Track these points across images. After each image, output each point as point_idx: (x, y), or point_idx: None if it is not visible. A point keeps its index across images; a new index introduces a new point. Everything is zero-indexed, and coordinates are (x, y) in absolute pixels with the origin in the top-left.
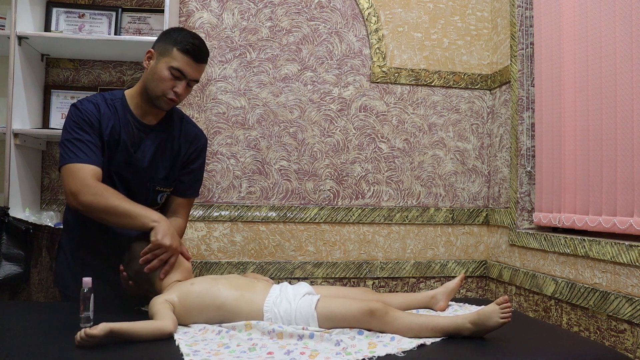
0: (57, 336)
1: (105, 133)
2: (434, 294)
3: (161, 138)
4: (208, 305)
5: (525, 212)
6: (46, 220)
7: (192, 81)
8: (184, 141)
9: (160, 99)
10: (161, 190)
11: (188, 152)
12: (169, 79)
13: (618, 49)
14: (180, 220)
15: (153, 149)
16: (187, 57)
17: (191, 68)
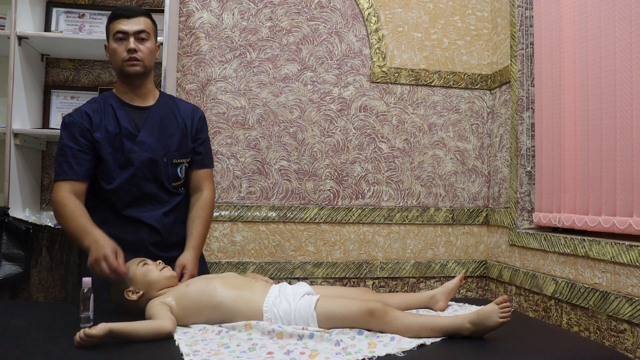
0: (57, 336)
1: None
2: (433, 294)
3: (162, 115)
4: (205, 305)
5: (525, 212)
6: (46, 220)
7: (137, 34)
8: (185, 115)
9: (124, 66)
10: (179, 162)
11: (193, 125)
12: (118, 46)
13: (618, 49)
14: (207, 193)
15: (157, 125)
16: (119, 20)
17: (126, 25)
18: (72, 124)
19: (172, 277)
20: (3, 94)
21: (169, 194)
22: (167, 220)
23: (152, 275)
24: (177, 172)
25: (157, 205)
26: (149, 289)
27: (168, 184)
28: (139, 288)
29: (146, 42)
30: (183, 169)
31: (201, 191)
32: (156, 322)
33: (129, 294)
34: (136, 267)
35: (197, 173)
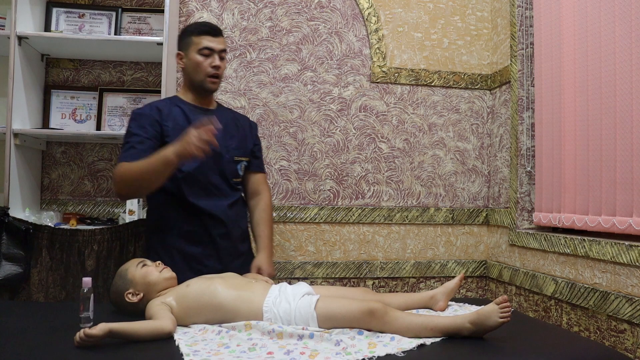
0: (57, 336)
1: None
2: (433, 294)
3: (225, 117)
4: (206, 306)
5: (525, 212)
6: (46, 220)
7: (221, 52)
8: (243, 122)
9: (205, 80)
10: (239, 159)
11: (252, 131)
12: (203, 60)
13: (618, 49)
14: (266, 195)
15: (223, 123)
16: (206, 36)
17: (214, 42)
18: (142, 115)
19: (172, 278)
20: (3, 94)
21: (232, 189)
22: (231, 213)
23: (152, 276)
24: (237, 169)
25: (222, 198)
26: (149, 291)
27: (230, 179)
28: (138, 290)
29: (224, 60)
30: (242, 167)
31: (260, 194)
32: (156, 322)
33: (128, 296)
34: (135, 268)
35: (255, 176)
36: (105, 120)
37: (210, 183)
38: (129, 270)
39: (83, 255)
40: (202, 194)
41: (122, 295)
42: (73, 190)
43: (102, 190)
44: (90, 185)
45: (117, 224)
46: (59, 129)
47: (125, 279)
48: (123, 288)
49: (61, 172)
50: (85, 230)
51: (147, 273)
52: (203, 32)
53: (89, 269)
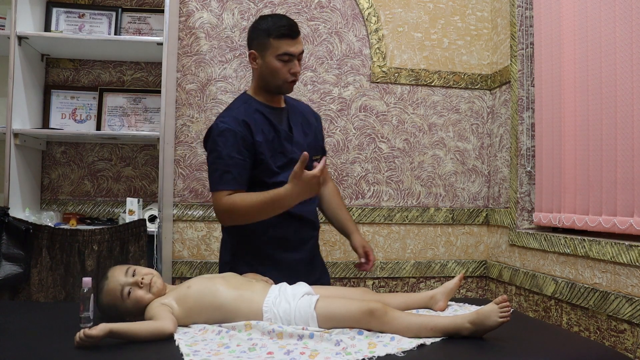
0: (57, 336)
1: (258, 136)
2: (433, 294)
3: (296, 114)
4: (207, 306)
5: (525, 212)
6: (46, 220)
7: (299, 55)
8: (309, 114)
9: (283, 85)
10: (315, 159)
11: (318, 124)
12: (282, 66)
13: (618, 49)
14: (331, 183)
15: (299, 124)
16: (285, 40)
17: (293, 47)
18: (230, 131)
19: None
20: (3, 94)
21: None
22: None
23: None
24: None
25: (312, 201)
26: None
27: None
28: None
29: (301, 62)
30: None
31: (327, 182)
32: (157, 322)
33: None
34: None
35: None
36: (105, 120)
37: None
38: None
39: (83, 255)
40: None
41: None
42: (73, 190)
43: (102, 190)
44: (90, 185)
45: (117, 224)
46: (59, 129)
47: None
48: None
49: (61, 172)
50: (85, 230)
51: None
52: (282, 36)
53: (89, 269)
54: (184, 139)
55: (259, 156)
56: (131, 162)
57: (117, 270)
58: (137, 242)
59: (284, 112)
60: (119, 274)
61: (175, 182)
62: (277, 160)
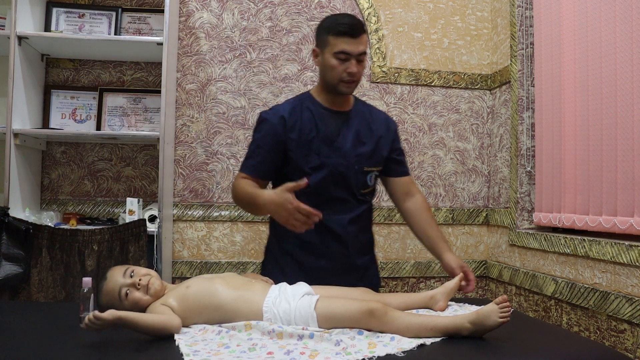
0: (57, 336)
1: (293, 134)
2: (433, 294)
3: (358, 122)
4: (207, 306)
5: (525, 212)
6: (46, 220)
7: (359, 56)
8: (379, 125)
9: (339, 84)
10: (369, 170)
11: (389, 135)
12: (339, 65)
13: (618, 49)
14: (420, 195)
15: (353, 131)
16: (343, 38)
17: (352, 45)
18: (266, 122)
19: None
20: (3, 94)
21: (357, 201)
22: (351, 228)
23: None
24: (366, 179)
25: (344, 212)
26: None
27: (357, 191)
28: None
29: (363, 62)
30: (373, 177)
31: (413, 195)
32: (165, 316)
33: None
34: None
35: (401, 180)
36: (105, 120)
37: (333, 197)
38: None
39: (83, 255)
40: (325, 206)
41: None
42: (73, 190)
43: (102, 190)
44: (90, 185)
45: (117, 224)
46: (59, 129)
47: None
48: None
49: (61, 172)
50: (85, 230)
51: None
52: (341, 33)
53: (89, 269)
54: (184, 139)
55: (289, 153)
56: (131, 162)
57: (115, 271)
58: (137, 242)
59: (342, 116)
60: (117, 274)
61: (175, 182)
62: (310, 162)
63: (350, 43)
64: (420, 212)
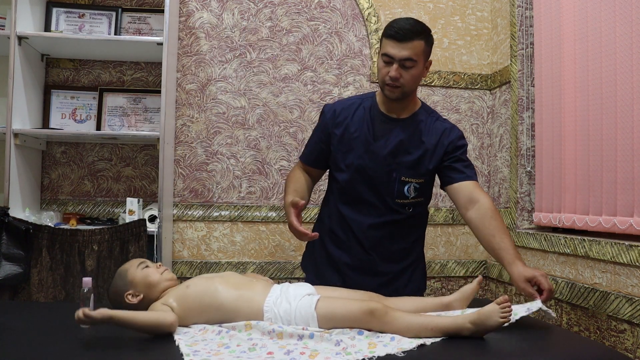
0: (57, 336)
1: (336, 131)
2: (449, 302)
3: (409, 130)
4: (207, 306)
5: (525, 212)
6: (46, 220)
7: (403, 61)
8: (433, 136)
9: (384, 87)
10: (407, 180)
11: (440, 146)
12: (383, 67)
13: (618, 49)
14: (485, 200)
15: (398, 139)
16: (389, 41)
17: (395, 49)
18: (322, 114)
19: (173, 279)
20: (3, 94)
21: (388, 209)
22: (372, 233)
23: (153, 277)
24: (403, 190)
25: (370, 215)
26: (150, 292)
27: (390, 199)
28: (139, 291)
29: (411, 70)
30: (412, 188)
31: (478, 201)
32: (157, 313)
33: (128, 297)
34: (136, 269)
35: (462, 186)
36: (105, 120)
37: (361, 199)
38: (129, 271)
39: (83, 255)
40: (352, 205)
41: (122, 296)
42: (73, 190)
43: (102, 190)
44: (90, 185)
45: (117, 224)
46: (59, 129)
47: (125, 280)
48: (123, 289)
49: (61, 172)
50: (85, 230)
51: (148, 274)
52: (389, 35)
53: (89, 269)
54: (184, 139)
55: (331, 147)
56: (131, 162)
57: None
58: (137, 242)
59: (394, 123)
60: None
61: (175, 182)
62: (346, 159)
63: (394, 46)
64: (484, 221)
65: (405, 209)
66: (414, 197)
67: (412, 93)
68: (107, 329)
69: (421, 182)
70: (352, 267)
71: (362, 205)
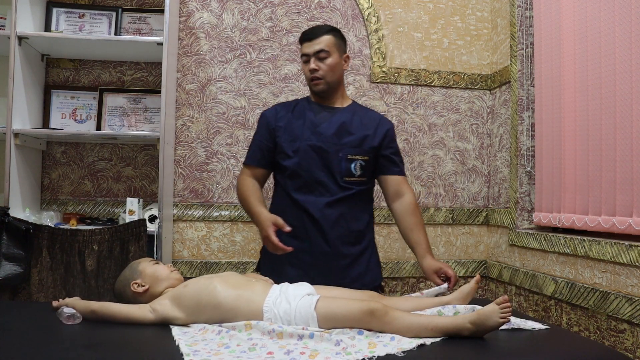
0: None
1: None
2: (448, 302)
3: (349, 116)
4: (205, 305)
5: (525, 212)
6: (46, 220)
7: (317, 54)
8: (370, 122)
9: (310, 84)
10: (354, 158)
11: (377, 132)
12: (304, 66)
13: (617, 49)
14: (409, 196)
15: (340, 122)
16: (303, 44)
17: (308, 47)
18: (263, 117)
19: (180, 279)
20: (3, 94)
21: (339, 187)
22: (329, 212)
23: (162, 272)
24: (350, 167)
25: (324, 195)
26: (155, 285)
27: (340, 178)
28: (145, 282)
29: (327, 60)
30: (358, 166)
31: (402, 196)
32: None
33: (134, 285)
34: (147, 263)
35: (393, 179)
36: (105, 120)
37: (314, 179)
38: (142, 264)
39: (83, 255)
40: (303, 189)
41: (128, 284)
42: (73, 190)
43: (102, 190)
44: (90, 185)
45: (117, 224)
46: (59, 129)
47: (135, 270)
48: (130, 278)
49: (61, 172)
50: (85, 230)
51: (157, 269)
52: (301, 40)
53: (89, 269)
54: (184, 139)
55: (277, 139)
56: (131, 162)
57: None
58: (137, 242)
59: (333, 110)
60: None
61: (175, 182)
62: (294, 145)
63: (308, 46)
64: (405, 217)
65: (354, 187)
66: (360, 175)
67: (337, 85)
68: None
69: (366, 160)
70: (311, 254)
71: (314, 185)
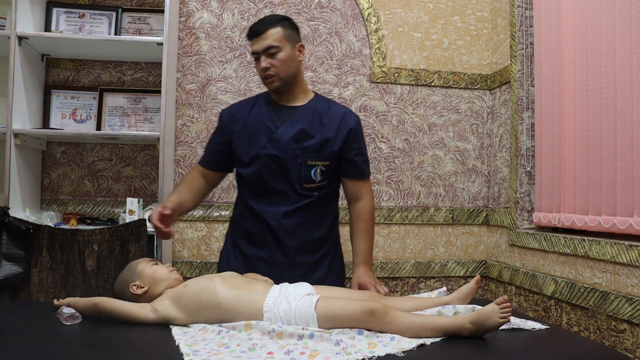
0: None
1: (234, 128)
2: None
3: (308, 116)
4: (205, 305)
5: (525, 212)
6: (46, 220)
7: (266, 51)
8: (333, 120)
9: (264, 83)
10: (313, 164)
11: (340, 131)
12: (256, 65)
13: (617, 49)
14: (365, 202)
15: (299, 124)
16: (250, 40)
17: (256, 44)
18: (220, 118)
19: (179, 280)
20: (3, 94)
21: (298, 195)
22: (287, 221)
23: (161, 273)
24: (310, 174)
25: (283, 204)
26: (154, 286)
27: (299, 185)
28: (144, 283)
29: (278, 55)
30: (318, 171)
31: (358, 201)
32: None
33: (133, 287)
34: (146, 264)
35: (353, 182)
36: (105, 120)
37: (270, 188)
38: (140, 264)
39: (83, 255)
40: (261, 198)
41: (127, 286)
42: (73, 190)
43: (102, 190)
44: (90, 185)
45: (117, 224)
46: (59, 129)
47: (134, 271)
48: (130, 279)
49: (61, 172)
50: (85, 230)
51: (156, 270)
52: (249, 36)
53: (89, 269)
54: (184, 139)
55: (232, 145)
56: (131, 162)
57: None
58: (137, 242)
59: (291, 110)
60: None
61: (175, 182)
62: (249, 153)
63: (255, 43)
64: (356, 221)
65: (313, 194)
66: (320, 180)
67: (295, 79)
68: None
69: (327, 165)
70: (268, 262)
71: (272, 195)
